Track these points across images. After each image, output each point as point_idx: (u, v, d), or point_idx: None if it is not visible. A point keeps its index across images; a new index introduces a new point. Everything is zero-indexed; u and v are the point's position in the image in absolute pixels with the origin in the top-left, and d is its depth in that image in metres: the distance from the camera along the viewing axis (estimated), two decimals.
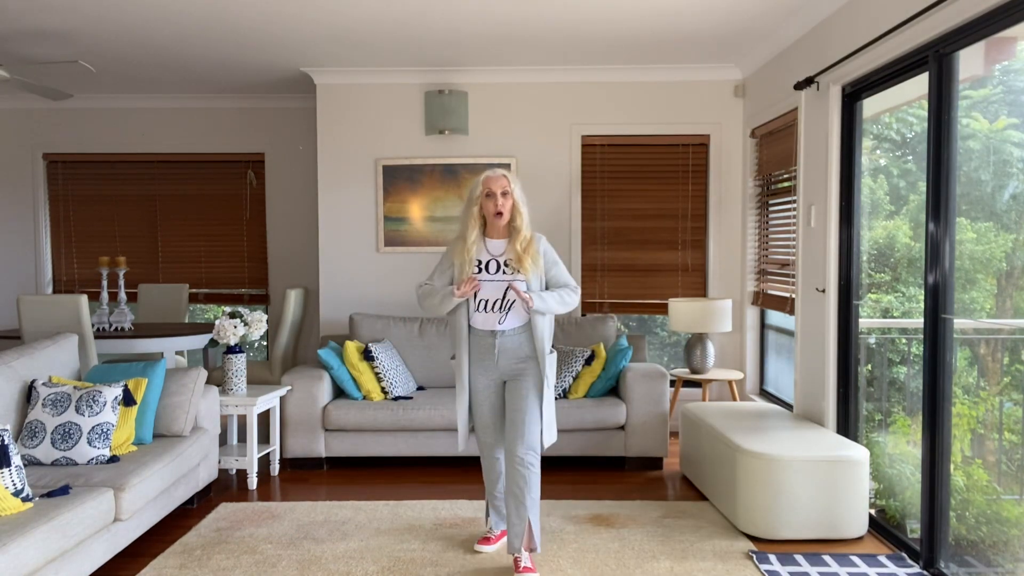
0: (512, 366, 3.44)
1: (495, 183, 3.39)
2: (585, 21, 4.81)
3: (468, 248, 3.40)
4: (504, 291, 3.39)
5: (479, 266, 3.42)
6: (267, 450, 4.97)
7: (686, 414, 4.82)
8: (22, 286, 6.97)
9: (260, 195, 6.99)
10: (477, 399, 3.51)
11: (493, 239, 3.46)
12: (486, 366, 3.46)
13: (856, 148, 4.24)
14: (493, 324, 3.42)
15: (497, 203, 3.38)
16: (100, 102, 6.86)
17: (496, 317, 3.41)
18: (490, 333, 3.42)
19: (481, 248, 3.45)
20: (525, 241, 3.39)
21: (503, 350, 3.43)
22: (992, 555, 3.33)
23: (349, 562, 3.56)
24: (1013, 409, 3.37)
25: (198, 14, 4.63)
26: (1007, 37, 3.17)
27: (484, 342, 3.44)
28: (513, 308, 3.41)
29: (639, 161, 6.11)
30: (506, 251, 3.42)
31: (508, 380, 3.47)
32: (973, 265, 3.47)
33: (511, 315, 3.42)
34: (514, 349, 3.43)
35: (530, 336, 3.43)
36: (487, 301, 3.40)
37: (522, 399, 3.40)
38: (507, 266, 3.39)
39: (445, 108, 5.91)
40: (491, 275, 3.40)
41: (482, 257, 3.44)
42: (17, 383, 3.78)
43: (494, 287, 3.40)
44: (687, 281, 6.14)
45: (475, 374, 3.48)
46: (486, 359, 3.45)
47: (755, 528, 3.82)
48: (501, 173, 3.41)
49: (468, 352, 3.47)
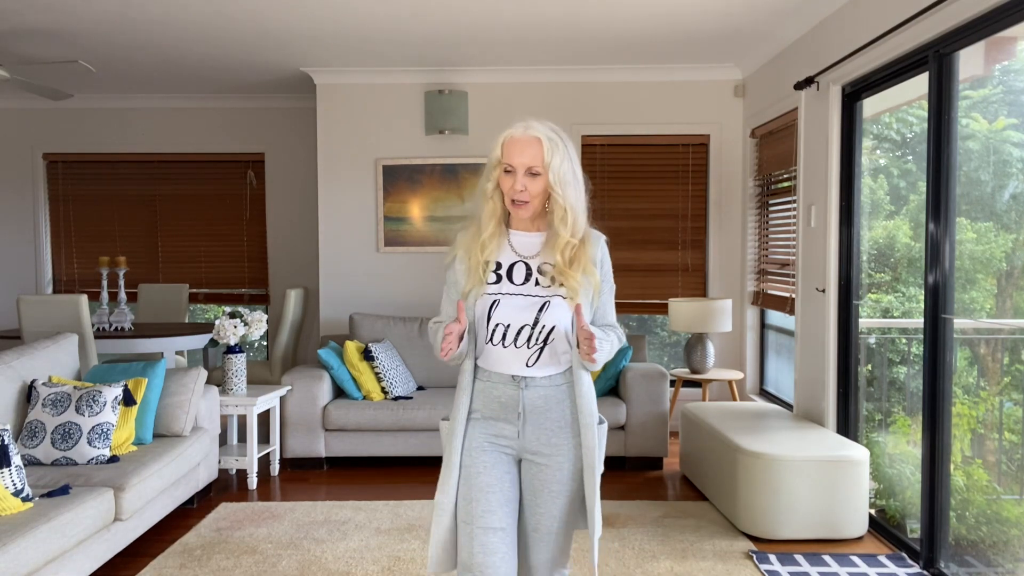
0: (542, 438, 2.15)
1: (520, 149, 2.07)
2: (585, 21, 4.81)
3: (483, 244, 2.15)
4: (538, 312, 2.10)
5: (497, 272, 2.16)
6: (267, 450, 4.98)
7: (686, 414, 4.82)
8: (22, 286, 6.97)
9: (260, 195, 6.99)
10: (477, 483, 2.12)
11: (520, 231, 2.20)
12: (499, 432, 2.16)
13: (856, 148, 4.24)
14: (517, 366, 2.13)
15: (517, 184, 2.08)
16: (100, 102, 6.86)
17: (523, 355, 2.12)
18: (510, 380, 2.14)
19: (503, 243, 2.18)
20: (571, 248, 2.11)
21: (532, 409, 2.14)
22: (992, 555, 3.33)
23: (349, 562, 3.56)
24: (1013, 409, 3.37)
25: (198, 14, 4.63)
26: (1007, 37, 3.18)
27: (500, 393, 2.15)
28: (552, 343, 2.12)
29: (639, 161, 6.12)
30: (542, 251, 2.17)
31: (529, 462, 2.18)
32: (973, 265, 3.47)
33: (547, 354, 2.13)
34: (548, 410, 2.15)
35: (570, 392, 2.16)
36: (508, 328, 2.11)
37: (555, 499, 2.16)
38: (542, 274, 2.14)
39: (445, 108, 5.91)
40: (516, 286, 2.14)
41: (503, 258, 2.17)
42: (17, 383, 3.78)
43: (521, 305, 2.11)
44: (687, 281, 6.14)
45: (476, 444, 2.15)
46: (500, 420, 2.15)
47: (755, 528, 3.82)
48: (535, 134, 2.08)
49: (469, 409, 2.18)
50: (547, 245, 2.15)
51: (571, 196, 2.10)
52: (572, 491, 2.16)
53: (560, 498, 2.16)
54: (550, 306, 2.10)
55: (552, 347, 2.12)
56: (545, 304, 2.11)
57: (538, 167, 2.07)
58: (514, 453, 2.18)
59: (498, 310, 2.12)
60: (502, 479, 2.14)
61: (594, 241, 2.17)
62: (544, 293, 2.13)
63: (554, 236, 2.12)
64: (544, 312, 2.10)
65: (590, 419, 2.14)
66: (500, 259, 2.17)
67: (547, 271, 2.14)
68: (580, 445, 2.14)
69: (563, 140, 2.12)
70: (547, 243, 2.16)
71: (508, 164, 2.08)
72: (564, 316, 2.10)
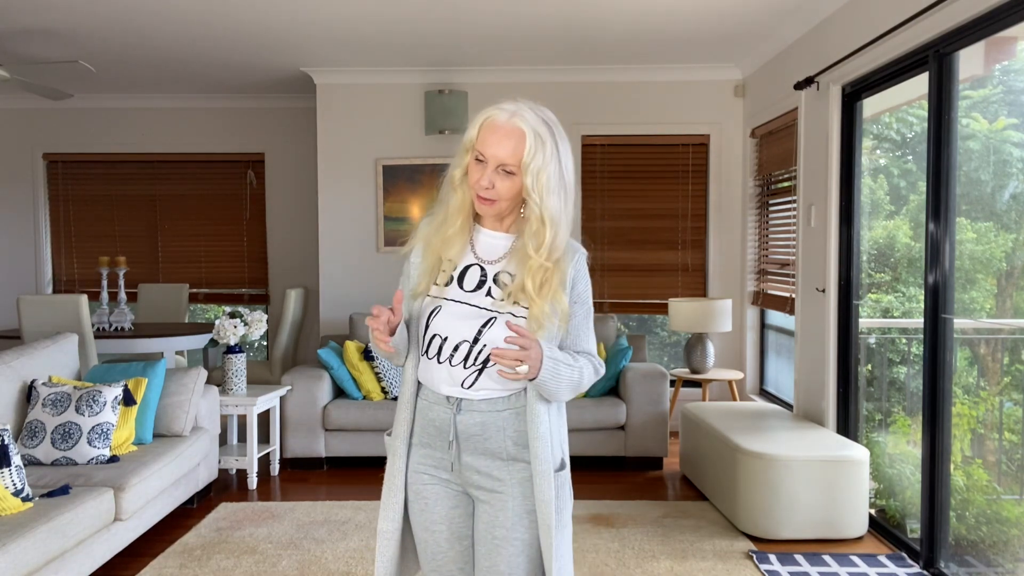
0: (482, 469, 1.80)
1: (497, 139, 1.71)
2: (585, 21, 4.80)
3: (447, 240, 1.81)
4: (480, 327, 1.76)
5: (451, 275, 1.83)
6: (267, 450, 4.97)
7: (686, 414, 4.82)
8: (22, 286, 6.97)
9: (260, 195, 6.99)
10: (422, 520, 1.85)
11: (487, 228, 1.85)
12: (437, 462, 1.84)
13: (856, 148, 4.24)
14: (452, 385, 1.79)
15: (484, 179, 1.73)
16: (100, 102, 6.86)
17: (460, 374, 1.77)
18: (444, 401, 1.80)
19: (465, 243, 1.84)
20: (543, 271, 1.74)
21: (465, 436, 1.79)
22: (992, 555, 3.33)
23: (349, 562, 3.56)
24: (1013, 409, 3.37)
25: (198, 14, 4.63)
26: (1007, 37, 3.18)
27: (435, 416, 1.82)
28: (492, 367, 1.75)
29: (639, 161, 6.11)
30: (507, 257, 1.81)
31: (476, 499, 1.84)
32: (973, 265, 3.47)
33: (487, 374, 1.77)
34: (485, 438, 1.79)
35: (516, 420, 1.79)
36: (444, 341, 1.77)
37: (500, 547, 1.78)
38: (497, 284, 1.79)
39: (445, 108, 5.91)
40: (466, 292, 1.80)
41: (461, 260, 1.83)
42: (17, 383, 3.78)
43: (464, 316, 1.77)
44: (687, 281, 6.13)
45: (421, 472, 1.86)
46: (436, 448, 1.84)
47: (755, 528, 3.82)
48: (519, 125, 1.71)
49: (413, 431, 1.87)
50: (514, 253, 1.79)
51: (552, 206, 1.72)
52: (524, 541, 1.77)
53: (507, 547, 1.76)
54: (495, 324, 1.74)
55: (491, 371, 1.75)
56: (490, 321, 1.74)
57: (513, 166, 1.70)
58: (459, 487, 1.84)
59: (437, 318, 1.77)
60: (450, 515, 1.83)
61: (568, 257, 1.78)
62: (494, 308, 1.76)
63: (523, 249, 1.75)
64: (488, 329, 1.74)
65: (544, 466, 1.73)
66: (458, 259, 1.82)
67: (505, 284, 1.77)
68: (527, 481, 1.78)
69: (555, 137, 1.75)
70: (514, 251, 1.79)
71: (480, 153, 1.72)
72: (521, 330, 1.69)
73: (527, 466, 1.78)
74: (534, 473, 1.76)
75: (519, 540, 1.77)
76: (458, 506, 1.84)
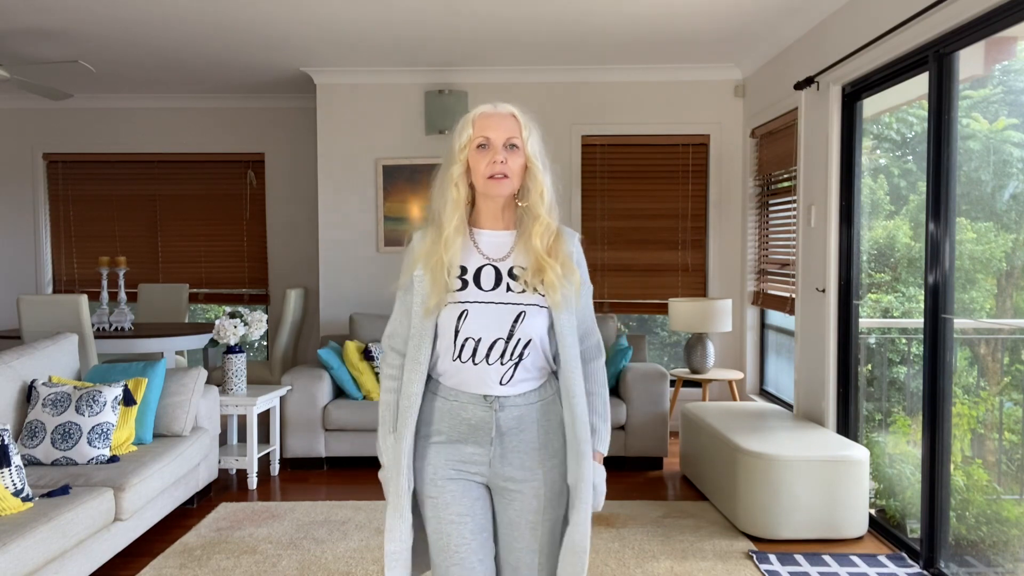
0: (515, 462, 1.89)
1: (496, 123, 1.87)
2: (585, 21, 4.81)
3: (446, 241, 1.86)
4: (513, 324, 1.84)
5: (463, 277, 1.88)
6: (267, 450, 4.98)
7: (686, 414, 4.82)
8: (22, 286, 6.97)
9: (260, 195, 6.99)
10: (446, 515, 1.88)
11: (487, 229, 1.93)
12: (467, 457, 1.89)
13: (856, 148, 4.24)
14: (489, 384, 1.86)
15: (497, 160, 1.84)
16: (100, 102, 6.86)
17: (496, 372, 1.85)
18: (482, 401, 1.87)
19: (467, 245, 1.91)
20: (550, 233, 1.88)
21: (507, 431, 1.88)
22: (992, 555, 3.33)
23: (349, 562, 3.56)
24: (1013, 409, 3.37)
25: (198, 14, 4.63)
26: (1007, 37, 3.18)
27: (469, 415, 1.88)
28: (527, 358, 1.86)
29: (639, 161, 6.12)
30: (514, 251, 1.90)
31: (502, 489, 1.92)
32: (973, 265, 3.47)
33: (521, 369, 1.87)
34: (522, 431, 1.89)
35: (544, 410, 1.92)
36: (478, 343, 1.84)
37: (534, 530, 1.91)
38: (514, 278, 1.88)
39: (445, 108, 5.91)
40: (485, 292, 1.87)
41: (469, 262, 1.90)
42: (17, 383, 3.78)
43: (494, 315, 1.85)
44: (687, 281, 6.14)
45: (440, 472, 1.89)
46: (470, 444, 1.89)
47: (755, 528, 3.82)
48: (509, 110, 1.89)
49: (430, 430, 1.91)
50: (519, 245, 1.89)
51: (546, 179, 1.89)
52: (553, 520, 1.91)
53: (539, 529, 1.90)
54: (526, 316, 1.84)
55: (526, 362, 1.86)
56: (520, 315, 1.84)
57: (517, 140, 1.86)
58: (483, 480, 1.91)
59: (467, 322, 1.83)
60: (473, 507, 1.88)
61: (568, 237, 1.93)
62: (518, 301, 1.85)
63: (526, 232, 1.88)
64: (519, 324, 1.84)
65: (583, 446, 1.85)
66: (465, 262, 1.88)
67: (520, 275, 1.87)
68: (554, 468, 1.90)
69: (535, 123, 1.93)
70: (519, 243, 1.90)
71: (483, 138, 1.85)
72: (541, 326, 1.86)
73: (555, 452, 1.91)
74: (579, 454, 1.86)
75: (550, 520, 1.92)
76: (480, 498, 1.91)
